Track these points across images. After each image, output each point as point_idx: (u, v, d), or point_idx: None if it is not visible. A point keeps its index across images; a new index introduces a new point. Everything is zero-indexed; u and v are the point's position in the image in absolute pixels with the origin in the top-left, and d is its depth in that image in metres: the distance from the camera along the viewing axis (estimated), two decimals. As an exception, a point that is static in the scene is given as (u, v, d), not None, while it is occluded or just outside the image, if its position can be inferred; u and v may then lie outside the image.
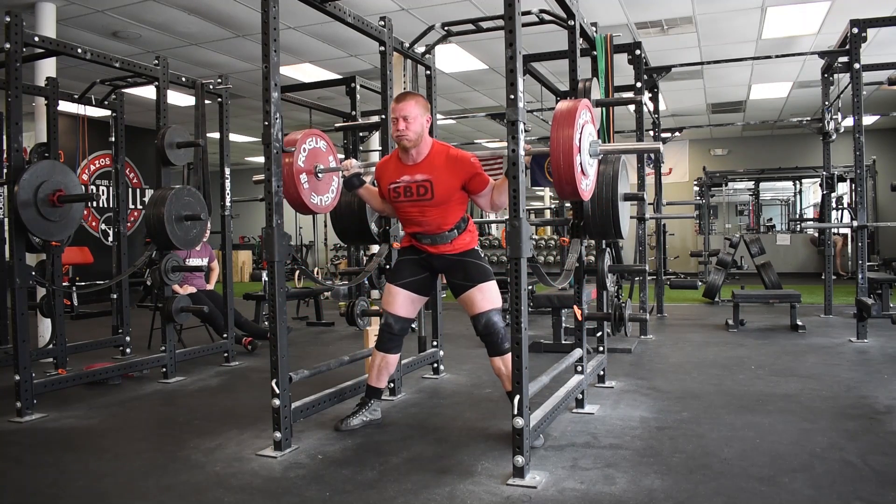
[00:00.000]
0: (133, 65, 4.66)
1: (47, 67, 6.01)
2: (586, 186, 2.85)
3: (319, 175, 3.26)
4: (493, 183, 3.12)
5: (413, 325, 5.00)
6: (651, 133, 7.47)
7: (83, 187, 4.40)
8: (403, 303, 3.30)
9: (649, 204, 6.56)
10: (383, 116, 3.99)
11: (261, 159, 13.27)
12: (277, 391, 2.93)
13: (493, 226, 10.75)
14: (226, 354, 5.18)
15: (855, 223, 5.42)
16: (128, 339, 5.39)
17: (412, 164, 3.13)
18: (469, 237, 3.27)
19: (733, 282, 10.07)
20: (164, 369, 4.60)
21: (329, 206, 3.43)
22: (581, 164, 2.74)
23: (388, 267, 3.97)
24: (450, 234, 3.19)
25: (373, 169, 3.41)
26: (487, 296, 3.14)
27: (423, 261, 3.30)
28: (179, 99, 9.68)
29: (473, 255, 3.25)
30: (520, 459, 2.53)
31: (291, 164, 3.08)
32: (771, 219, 15.96)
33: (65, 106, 5.28)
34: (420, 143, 3.09)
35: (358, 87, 6.40)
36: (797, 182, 15.35)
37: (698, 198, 12.86)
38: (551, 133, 2.68)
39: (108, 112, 5.70)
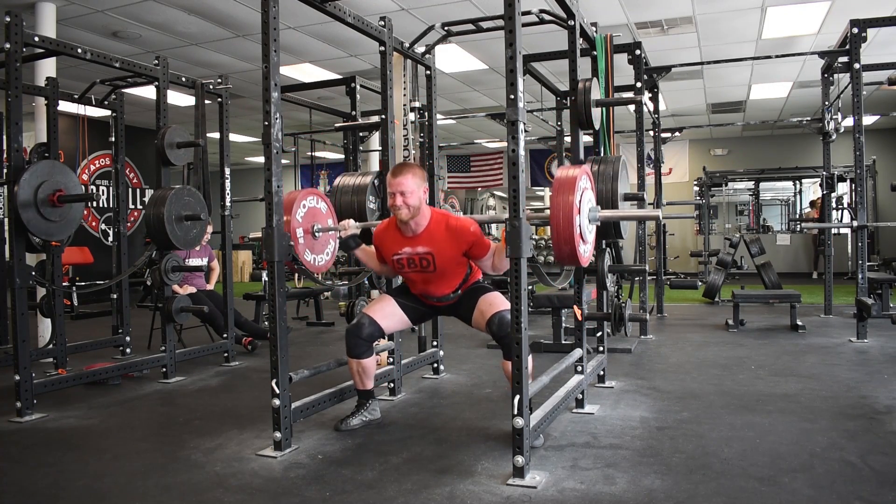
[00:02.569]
0: (133, 65, 4.67)
1: (47, 67, 6.02)
2: (585, 252, 2.89)
3: (317, 235, 3.28)
4: (494, 247, 3.13)
5: (413, 326, 5.00)
6: (651, 133, 7.46)
7: (83, 187, 4.39)
8: (389, 315, 3.31)
9: (649, 204, 6.55)
10: (383, 116, 3.99)
11: (261, 159, 13.27)
12: (277, 391, 2.93)
13: (493, 226, 10.75)
14: (226, 354, 5.18)
15: (855, 223, 5.41)
16: (128, 339, 5.39)
17: (412, 235, 3.15)
18: (472, 279, 3.31)
19: (733, 282, 10.08)
20: (164, 369, 4.60)
21: (325, 266, 3.45)
22: (580, 230, 2.77)
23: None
24: (454, 295, 3.28)
25: (371, 226, 3.43)
26: (494, 301, 3.18)
27: (429, 304, 3.37)
28: (179, 99, 9.68)
29: (475, 283, 3.31)
30: (520, 459, 2.53)
31: (289, 221, 3.09)
32: (765, 219, 15.94)
33: (65, 106, 5.28)
34: (418, 216, 3.10)
35: (358, 87, 6.40)
36: (797, 182, 15.35)
37: (698, 198, 12.86)
38: (551, 199, 2.72)
39: (108, 112, 5.70)
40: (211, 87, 5.23)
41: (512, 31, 2.51)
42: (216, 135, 5.54)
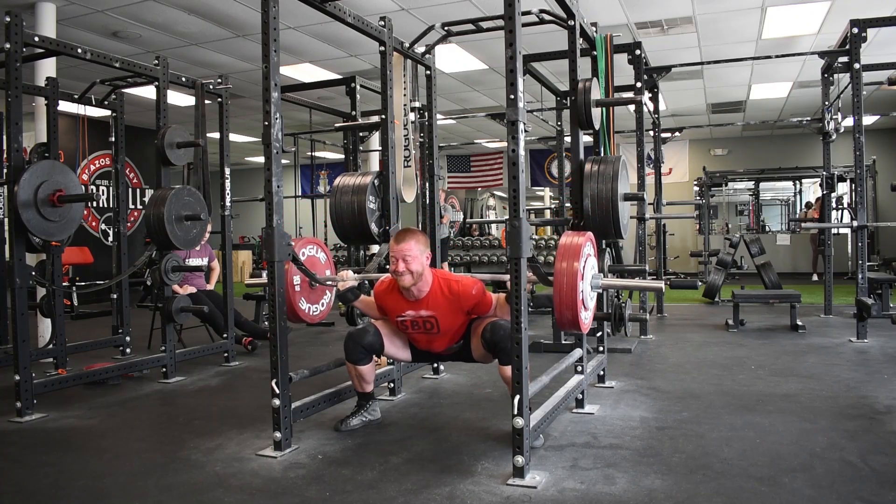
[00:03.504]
0: (133, 65, 4.66)
1: (47, 67, 6.01)
2: (586, 319, 2.91)
3: (313, 285, 3.28)
4: (496, 302, 3.16)
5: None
6: (651, 133, 7.46)
7: (83, 187, 4.39)
8: (395, 342, 3.33)
9: (649, 204, 6.55)
10: (383, 116, 3.99)
11: (261, 159, 13.27)
12: (277, 391, 2.93)
13: (494, 226, 10.76)
14: (226, 354, 5.18)
15: (855, 223, 5.41)
16: (128, 339, 5.39)
17: (414, 300, 3.17)
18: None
19: (733, 282, 10.07)
20: (164, 369, 4.60)
21: (320, 316, 3.47)
22: (583, 296, 2.80)
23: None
24: (457, 346, 3.30)
25: (370, 275, 3.44)
26: (485, 319, 3.19)
27: (435, 355, 3.40)
28: (179, 99, 9.68)
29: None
30: (520, 459, 2.53)
31: (287, 274, 3.10)
32: (763, 219, 15.94)
33: (65, 106, 5.28)
34: (420, 281, 3.11)
35: (358, 87, 6.40)
36: (797, 182, 15.35)
37: (698, 198, 12.86)
38: (556, 265, 2.76)
39: (108, 112, 5.69)
40: (211, 87, 5.23)
41: (512, 31, 2.51)
42: (216, 135, 5.54)
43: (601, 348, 4.02)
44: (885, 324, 6.00)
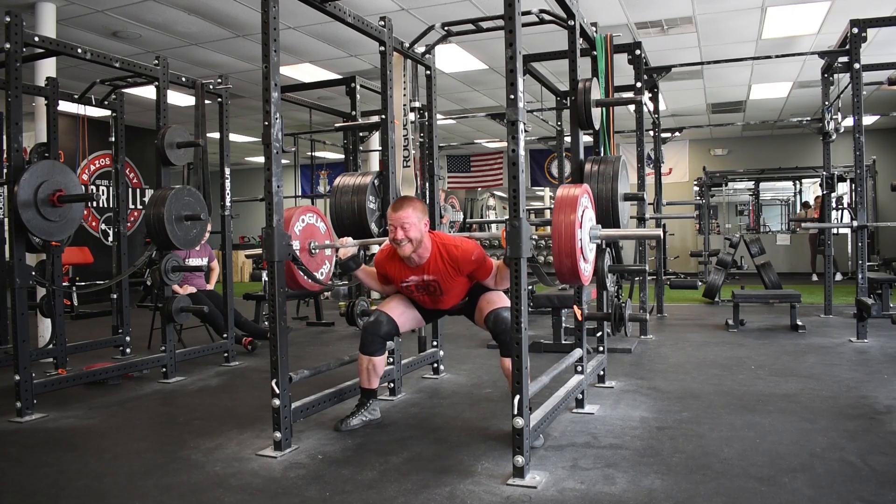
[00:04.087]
0: (133, 65, 4.66)
1: (47, 67, 6.02)
2: (586, 270, 2.90)
3: (313, 252, 3.28)
4: (496, 268, 3.18)
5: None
6: (651, 133, 7.46)
7: (83, 187, 4.39)
8: (404, 312, 3.35)
9: (649, 204, 6.55)
10: (383, 116, 3.99)
11: (261, 159, 13.27)
12: (277, 391, 2.93)
13: (494, 226, 10.76)
14: (226, 354, 5.18)
15: (855, 223, 5.41)
16: (128, 339, 5.39)
17: (416, 266, 3.20)
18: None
19: (733, 282, 10.07)
20: (164, 369, 4.60)
21: (326, 280, 3.45)
22: (581, 245, 2.78)
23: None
24: (462, 303, 3.35)
25: (371, 247, 3.45)
26: (492, 298, 3.22)
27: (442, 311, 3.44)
28: (179, 99, 9.68)
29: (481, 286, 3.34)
30: (520, 459, 2.53)
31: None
32: (762, 219, 15.93)
33: (65, 106, 5.27)
34: (419, 248, 3.13)
35: (358, 87, 6.40)
36: (797, 182, 15.34)
37: (698, 198, 12.86)
38: (553, 217, 2.74)
39: (108, 112, 5.70)
40: (211, 86, 5.23)
41: (512, 31, 2.51)
42: (216, 135, 5.54)
43: (601, 348, 4.02)
44: (885, 324, 6.00)
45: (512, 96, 2.51)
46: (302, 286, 3.27)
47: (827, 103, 6.96)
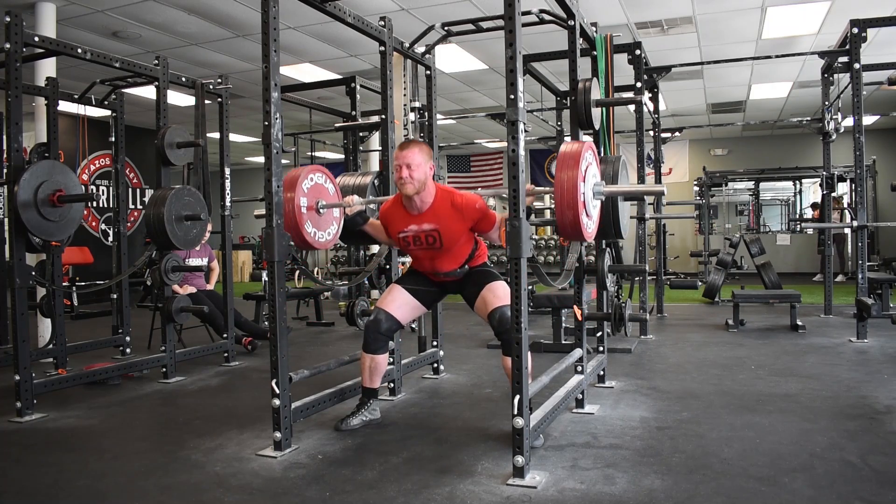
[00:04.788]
0: (133, 65, 4.66)
1: (47, 67, 6.01)
2: (589, 227, 2.88)
3: (321, 211, 3.27)
4: (500, 219, 3.13)
5: (413, 325, 5.00)
6: (651, 133, 7.46)
7: (83, 187, 4.39)
8: (402, 305, 3.32)
9: (649, 204, 6.55)
10: (383, 116, 3.99)
11: (261, 159, 13.25)
12: (277, 391, 2.93)
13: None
14: (226, 354, 5.18)
15: (855, 223, 5.41)
16: (128, 339, 5.39)
17: (417, 213, 3.16)
18: (479, 259, 3.33)
19: (733, 282, 10.07)
20: (164, 369, 4.60)
21: (328, 243, 3.44)
22: (585, 203, 2.77)
23: (387, 267, 3.97)
24: (461, 270, 3.28)
25: (374, 206, 3.43)
26: (498, 293, 3.18)
27: (437, 282, 3.37)
28: (179, 99, 9.68)
29: (481, 266, 3.32)
30: (520, 459, 2.53)
31: (293, 198, 3.09)
32: (762, 219, 15.91)
33: (65, 106, 5.27)
34: (423, 191, 3.11)
35: (358, 87, 6.40)
36: (797, 182, 15.35)
37: (698, 198, 12.86)
38: (556, 173, 2.72)
39: (108, 112, 5.69)
40: (211, 87, 5.23)
41: (512, 31, 2.51)
42: (216, 135, 5.54)
43: (601, 348, 4.01)
44: (885, 324, 6.00)
45: (512, 96, 2.51)
46: (309, 244, 3.23)
47: (827, 103, 6.96)
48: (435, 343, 4.49)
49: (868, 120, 12.34)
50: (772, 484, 2.44)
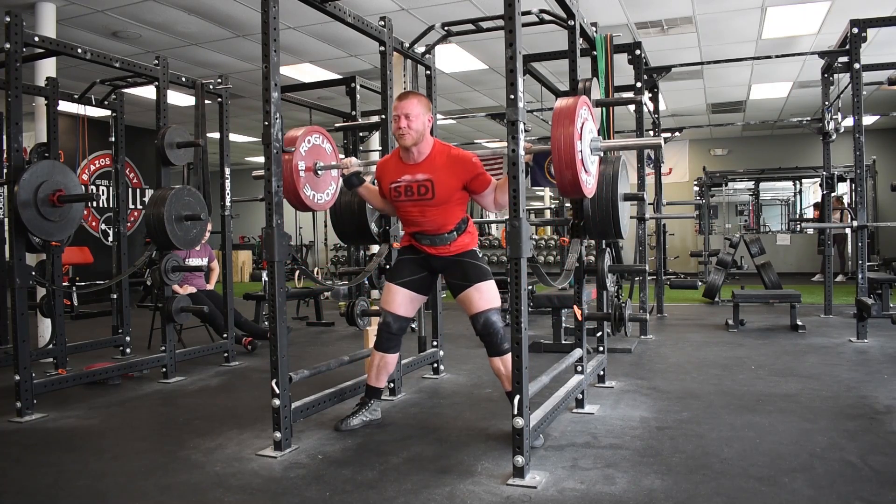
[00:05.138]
0: (133, 65, 4.66)
1: (47, 67, 6.01)
2: (589, 183, 2.84)
3: (319, 172, 3.26)
4: (496, 182, 3.11)
5: (413, 325, 5.00)
6: (651, 133, 7.46)
7: (83, 187, 4.39)
8: (402, 301, 3.30)
9: (649, 204, 6.55)
10: (383, 116, 3.99)
11: (261, 159, 13.25)
12: (277, 391, 2.93)
13: (493, 226, 10.75)
14: (226, 354, 5.18)
15: (855, 223, 5.41)
16: (128, 339, 5.39)
17: (413, 163, 3.12)
18: (468, 238, 3.27)
19: (733, 282, 10.07)
20: (164, 369, 4.60)
21: (325, 205, 3.42)
22: (583, 160, 2.73)
23: (387, 267, 3.97)
24: (449, 237, 3.19)
25: (373, 168, 3.41)
26: (486, 295, 3.13)
27: (422, 260, 3.29)
28: (179, 99, 9.68)
29: (471, 256, 3.24)
30: (520, 459, 2.53)
31: (291, 160, 3.08)
32: (762, 219, 15.90)
33: (65, 106, 5.27)
34: (421, 142, 3.08)
35: (358, 87, 6.40)
36: (797, 182, 15.35)
37: (698, 198, 12.86)
38: (552, 131, 2.68)
39: (108, 112, 5.69)
40: (211, 87, 5.23)
41: (512, 31, 2.51)
42: (216, 135, 5.54)
43: (601, 348, 4.01)
44: (885, 324, 6.00)
45: (512, 96, 2.51)
46: (307, 206, 3.23)
47: (827, 103, 6.96)
48: (435, 343, 4.49)
49: (868, 120, 12.34)
50: (772, 484, 2.44)
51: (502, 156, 2.96)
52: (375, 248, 5.44)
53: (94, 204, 10.33)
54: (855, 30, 5.37)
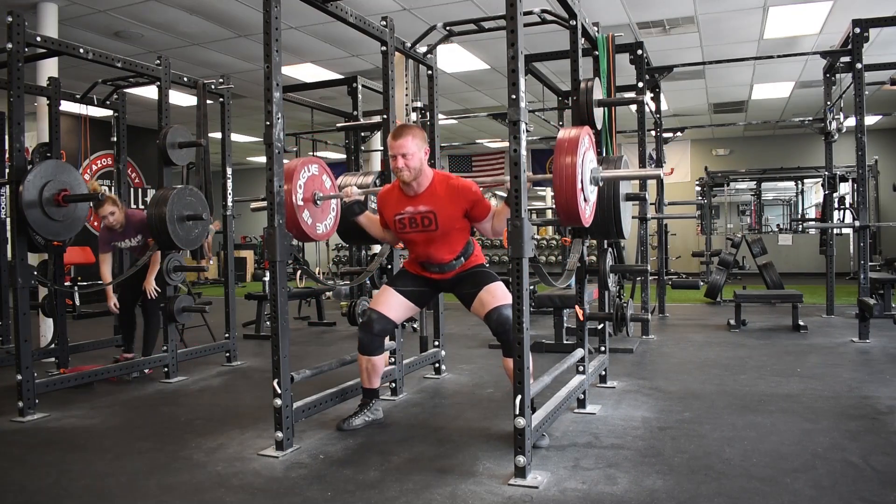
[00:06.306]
0: (135, 65, 4.67)
1: (49, 67, 6.02)
2: (587, 212, 2.90)
3: (318, 202, 3.28)
4: (494, 210, 3.13)
5: (415, 325, 5.00)
6: (653, 133, 7.46)
7: (87, 187, 4.38)
8: (394, 305, 3.30)
9: (651, 204, 6.55)
10: (385, 116, 3.99)
11: (262, 159, 13.29)
12: (279, 391, 2.93)
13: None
14: (227, 354, 5.18)
15: (857, 223, 5.40)
16: (129, 338, 5.38)
17: (414, 195, 3.15)
18: (474, 258, 3.32)
19: (735, 282, 10.06)
20: (166, 369, 4.60)
21: (326, 235, 3.45)
22: (583, 188, 2.78)
23: (389, 267, 3.97)
24: (456, 262, 3.25)
25: (373, 196, 3.43)
26: (496, 293, 3.15)
27: (429, 280, 3.34)
28: (181, 99, 9.69)
29: (478, 268, 3.30)
30: (521, 459, 2.53)
31: (290, 190, 3.09)
32: (765, 219, 15.89)
33: (67, 106, 5.28)
34: (420, 176, 3.10)
35: (360, 86, 6.40)
36: (799, 182, 15.33)
37: (700, 198, 12.84)
38: (554, 160, 2.75)
39: (110, 112, 5.70)
40: (213, 87, 5.24)
41: (514, 31, 2.51)
42: (218, 135, 5.54)
43: (603, 348, 4.01)
44: (887, 324, 5.99)
45: (514, 96, 2.51)
46: (307, 235, 3.24)
47: (829, 103, 6.95)
48: (436, 343, 4.49)
49: (870, 120, 12.32)
50: (773, 484, 2.44)
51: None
52: (377, 248, 5.44)
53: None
54: (857, 30, 5.36)
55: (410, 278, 3.36)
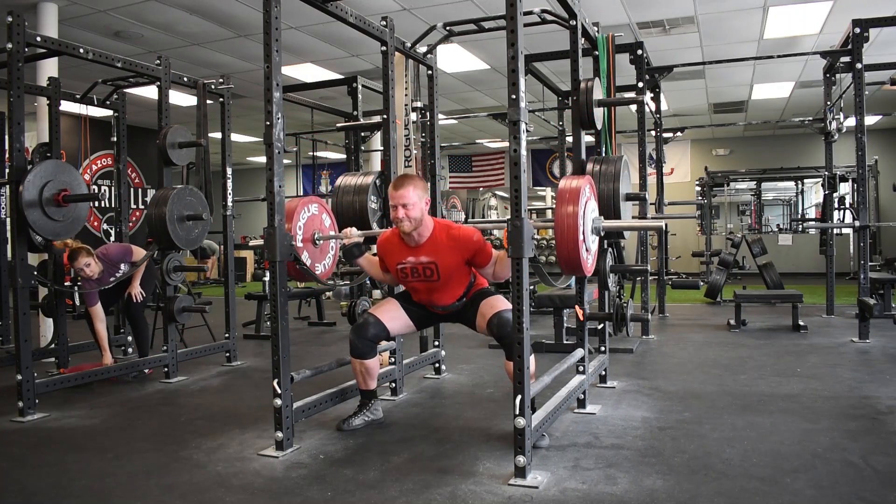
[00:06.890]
0: (135, 65, 4.67)
1: (49, 67, 6.02)
2: (589, 262, 2.92)
3: (318, 242, 3.29)
4: (496, 256, 3.14)
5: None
6: (653, 133, 7.46)
7: (87, 187, 4.38)
8: (395, 317, 3.32)
9: (651, 204, 6.55)
10: (385, 116, 3.99)
11: (262, 159, 13.28)
12: (279, 391, 2.93)
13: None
14: (227, 354, 5.18)
15: (857, 223, 5.40)
16: (129, 338, 5.39)
17: (415, 246, 3.16)
18: (476, 287, 3.32)
19: (735, 282, 10.06)
20: (166, 369, 4.60)
21: (328, 273, 3.49)
22: (584, 238, 2.81)
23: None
24: (459, 303, 3.27)
25: (373, 242, 3.44)
26: (495, 303, 3.18)
27: (433, 314, 3.39)
28: (181, 99, 9.69)
29: (479, 291, 3.30)
30: (521, 459, 2.53)
31: (290, 229, 3.12)
32: (766, 219, 15.88)
33: (67, 106, 5.28)
34: (420, 227, 3.11)
35: (360, 86, 6.40)
36: (799, 182, 15.33)
37: (700, 198, 12.84)
38: (556, 209, 2.78)
39: (109, 112, 5.70)
40: (213, 86, 5.23)
41: (514, 30, 2.51)
42: (218, 135, 5.54)
43: (603, 348, 4.01)
44: (887, 324, 5.99)
45: (514, 96, 2.51)
46: (306, 277, 3.29)
47: (829, 103, 6.95)
48: (436, 343, 4.49)
49: (870, 120, 12.32)
50: (773, 484, 2.44)
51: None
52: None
53: (97, 204, 10.35)
54: (857, 30, 5.36)
55: (415, 304, 3.38)
